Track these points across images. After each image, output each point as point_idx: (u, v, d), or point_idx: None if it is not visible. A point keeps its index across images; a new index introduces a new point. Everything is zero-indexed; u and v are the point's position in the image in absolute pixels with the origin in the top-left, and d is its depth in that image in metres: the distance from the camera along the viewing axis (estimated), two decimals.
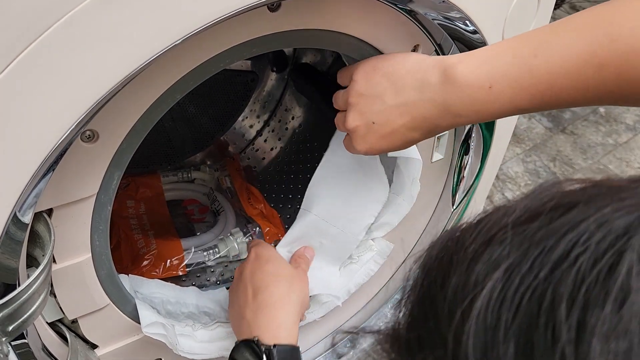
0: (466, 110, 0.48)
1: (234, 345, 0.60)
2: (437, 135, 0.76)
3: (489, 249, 0.22)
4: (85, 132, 0.47)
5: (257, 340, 0.57)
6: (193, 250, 0.97)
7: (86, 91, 0.41)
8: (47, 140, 0.41)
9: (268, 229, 1.01)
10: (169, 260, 0.94)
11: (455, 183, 0.81)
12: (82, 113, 0.41)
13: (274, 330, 0.59)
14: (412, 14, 0.59)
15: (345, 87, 0.59)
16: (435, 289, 0.24)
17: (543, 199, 0.23)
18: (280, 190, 1.12)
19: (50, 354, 0.57)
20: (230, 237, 0.99)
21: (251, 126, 1.19)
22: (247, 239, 0.99)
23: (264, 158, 1.18)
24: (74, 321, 0.59)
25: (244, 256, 0.98)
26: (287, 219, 1.06)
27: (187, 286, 0.92)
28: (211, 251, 0.97)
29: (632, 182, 0.23)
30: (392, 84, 0.52)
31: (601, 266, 0.19)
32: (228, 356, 0.61)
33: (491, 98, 0.46)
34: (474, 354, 0.20)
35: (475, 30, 0.60)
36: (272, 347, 0.56)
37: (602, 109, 2.16)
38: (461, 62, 0.48)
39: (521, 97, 0.45)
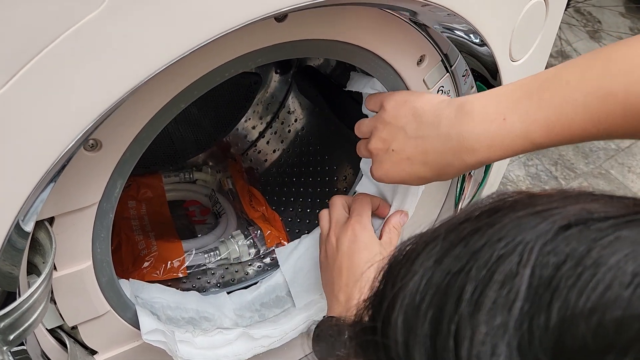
0: (479, 144, 0.49)
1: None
2: None
3: (430, 245, 0.26)
4: (88, 141, 0.47)
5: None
6: (194, 252, 0.97)
7: (92, 102, 0.40)
8: (51, 150, 0.41)
9: (269, 232, 1.00)
10: (169, 262, 0.94)
11: (458, 192, 0.81)
12: (87, 124, 0.41)
13: None
14: (418, 25, 0.59)
15: (358, 104, 0.66)
16: (387, 284, 0.28)
17: (480, 205, 0.28)
18: (282, 193, 1.11)
19: None
20: (231, 239, 0.99)
21: (254, 128, 1.19)
22: (247, 242, 0.99)
23: (266, 160, 1.18)
24: (74, 327, 0.58)
25: (244, 259, 0.98)
26: (289, 222, 1.06)
27: (187, 288, 0.92)
28: (212, 253, 0.97)
29: (552, 193, 0.27)
30: (416, 118, 0.55)
31: (500, 255, 0.23)
32: None
33: (504, 131, 0.48)
34: (401, 329, 0.24)
35: (483, 43, 0.60)
36: None
37: None
38: (476, 98, 0.51)
39: (533, 129, 0.46)
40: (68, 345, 0.57)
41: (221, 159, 1.18)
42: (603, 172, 1.90)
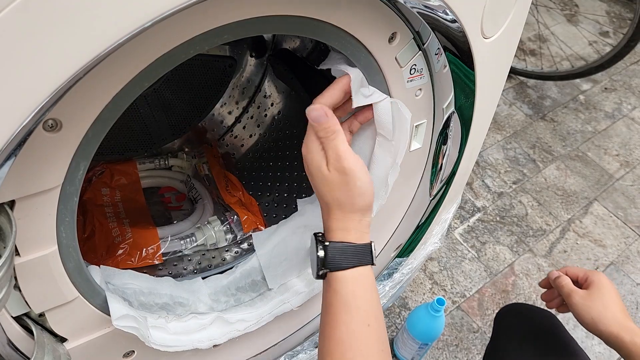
0: None
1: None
2: (415, 124, 0.75)
3: None
4: (47, 121, 0.45)
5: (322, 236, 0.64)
6: (169, 238, 0.95)
7: (45, 78, 0.39)
8: (4, 130, 0.40)
9: (246, 217, 1.00)
10: (144, 249, 0.92)
11: (433, 173, 0.81)
12: (41, 101, 0.39)
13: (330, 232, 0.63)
14: (390, 1, 0.58)
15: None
16: None
17: None
18: (258, 178, 1.10)
19: (16, 349, 0.56)
20: (208, 225, 0.98)
21: (230, 112, 1.17)
22: (224, 227, 0.98)
23: (242, 145, 1.16)
24: (41, 315, 0.57)
25: (221, 245, 0.97)
26: (266, 206, 1.05)
27: (163, 275, 0.90)
28: (188, 240, 0.96)
29: None
30: None
31: None
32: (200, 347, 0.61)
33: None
34: None
35: (454, 19, 0.59)
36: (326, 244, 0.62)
37: (581, 97, 2.17)
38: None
39: None
40: (35, 333, 0.55)
41: (197, 145, 1.16)
42: (580, 154, 1.92)
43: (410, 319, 1.20)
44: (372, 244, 0.62)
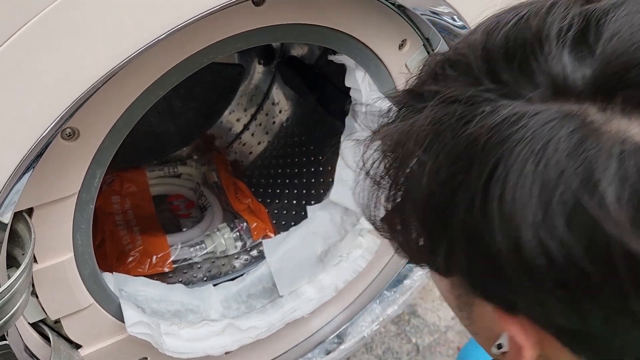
0: None
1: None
2: None
3: None
4: (65, 129, 0.46)
5: None
6: (179, 246, 0.96)
7: (65, 89, 0.39)
8: (26, 139, 0.40)
9: (255, 224, 1.00)
10: (154, 257, 0.93)
11: None
12: (61, 111, 0.40)
13: None
14: (400, 8, 0.58)
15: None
16: None
17: None
18: (267, 185, 1.11)
19: (32, 355, 0.56)
20: (217, 232, 0.98)
21: (238, 120, 1.18)
22: (234, 235, 0.98)
23: (251, 152, 1.17)
24: (57, 321, 0.57)
25: (231, 252, 0.97)
26: (275, 214, 1.05)
27: (173, 283, 0.91)
28: (198, 247, 0.96)
29: None
30: None
31: None
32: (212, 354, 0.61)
33: None
34: None
35: (464, 26, 0.60)
36: None
37: None
38: None
39: None
40: (51, 339, 0.56)
41: (206, 152, 1.17)
42: None
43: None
44: None
